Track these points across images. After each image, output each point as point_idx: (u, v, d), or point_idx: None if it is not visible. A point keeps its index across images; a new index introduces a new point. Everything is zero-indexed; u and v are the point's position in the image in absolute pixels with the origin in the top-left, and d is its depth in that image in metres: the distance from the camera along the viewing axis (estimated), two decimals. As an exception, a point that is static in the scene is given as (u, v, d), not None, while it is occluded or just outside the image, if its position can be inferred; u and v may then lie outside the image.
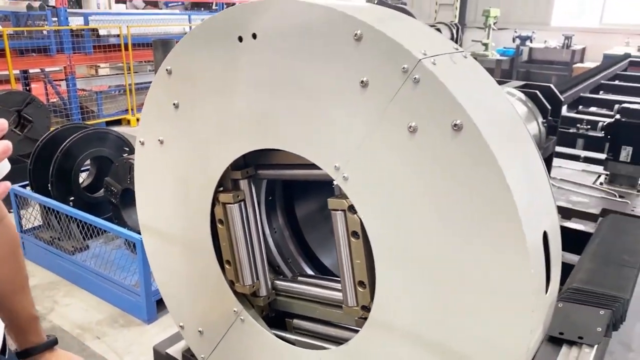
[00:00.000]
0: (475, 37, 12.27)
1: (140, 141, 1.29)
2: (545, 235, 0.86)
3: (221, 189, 1.19)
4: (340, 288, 1.10)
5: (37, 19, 6.87)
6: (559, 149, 3.94)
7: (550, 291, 0.89)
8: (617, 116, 2.29)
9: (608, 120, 2.36)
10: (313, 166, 1.02)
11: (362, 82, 0.89)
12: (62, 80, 7.07)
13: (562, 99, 2.17)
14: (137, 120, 6.93)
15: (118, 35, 7.09)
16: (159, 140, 1.24)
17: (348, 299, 1.05)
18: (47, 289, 3.37)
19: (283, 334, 1.24)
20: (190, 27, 8.12)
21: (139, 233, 1.43)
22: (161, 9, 12.06)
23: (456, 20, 12.25)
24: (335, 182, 0.98)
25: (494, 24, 11.82)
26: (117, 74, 7.80)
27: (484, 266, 0.83)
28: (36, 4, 5.99)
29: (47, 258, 3.52)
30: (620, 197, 2.22)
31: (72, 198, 3.58)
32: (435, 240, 0.87)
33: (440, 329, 0.91)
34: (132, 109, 7.41)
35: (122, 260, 3.22)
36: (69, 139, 3.48)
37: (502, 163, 0.78)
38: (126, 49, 7.10)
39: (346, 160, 0.94)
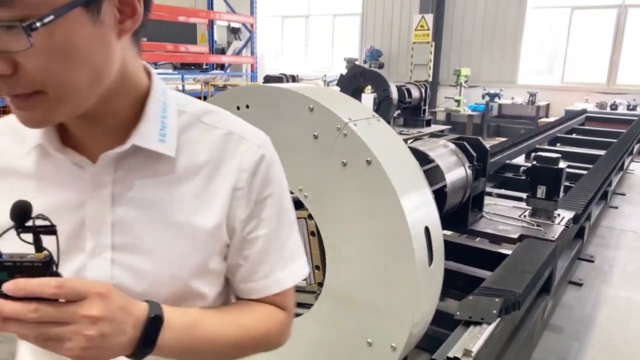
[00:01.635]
0: (448, 94, 13.21)
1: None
2: (427, 229, 1.39)
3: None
4: (301, 281, 1.60)
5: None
6: (507, 192, 4.54)
7: (434, 266, 1.41)
8: (534, 162, 2.87)
9: (528, 165, 2.95)
10: (285, 191, 1.55)
11: (314, 135, 1.43)
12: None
13: (488, 148, 2.76)
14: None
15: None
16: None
17: (310, 279, 1.55)
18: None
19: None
20: (183, 86, 8.81)
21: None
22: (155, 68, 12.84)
23: (430, 79, 13.22)
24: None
25: (465, 82, 12.79)
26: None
27: (388, 247, 1.35)
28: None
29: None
30: (538, 226, 2.77)
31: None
32: (360, 234, 1.40)
33: (365, 292, 1.41)
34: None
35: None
36: None
37: (395, 184, 1.32)
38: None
39: (305, 185, 1.48)
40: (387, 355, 1.39)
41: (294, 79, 8.83)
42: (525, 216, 2.90)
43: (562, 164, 2.80)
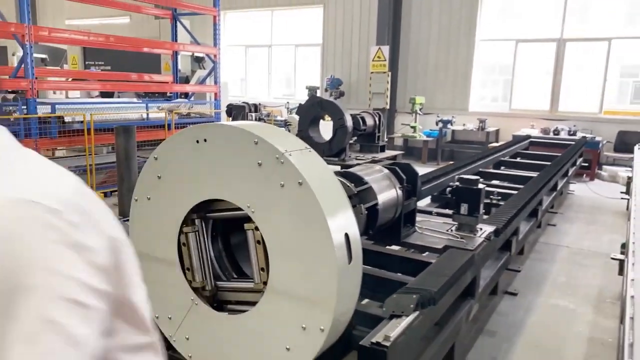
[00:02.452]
0: (404, 121, 13.89)
1: (135, 199, 2.16)
2: (346, 235, 1.78)
3: (185, 224, 2.06)
4: (249, 284, 1.97)
5: (7, 107, 7.67)
6: (447, 211, 4.97)
7: (353, 263, 1.80)
8: (457, 183, 3.33)
9: (453, 186, 3.40)
10: (238, 209, 1.92)
11: (259, 163, 1.82)
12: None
13: (417, 172, 3.20)
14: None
15: (82, 122, 7.94)
16: (147, 197, 2.11)
17: (255, 278, 1.92)
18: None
19: (221, 311, 2.06)
20: (147, 114, 9.08)
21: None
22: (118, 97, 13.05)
23: (387, 107, 13.89)
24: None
25: (420, 109, 13.49)
26: (77, 156, 8.54)
27: (316, 248, 1.74)
28: (10, 96, 6.81)
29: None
30: (461, 238, 3.21)
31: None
32: (295, 240, 1.78)
33: (300, 286, 1.79)
34: (92, 187, 8.09)
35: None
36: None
37: (320, 200, 1.71)
38: (89, 133, 7.93)
39: (252, 202, 1.85)
40: (317, 336, 1.76)
41: (256, 107, 9.23)
42: (452, 230, 3.35)
43: (480, 185, 3.27)
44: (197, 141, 1.95)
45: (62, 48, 15.32)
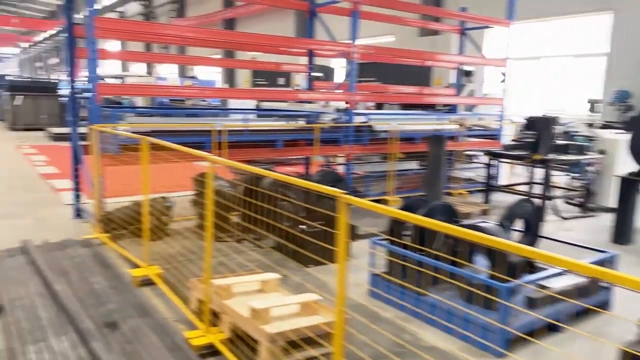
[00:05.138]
0: None
1: None
2: None
3: None
4: None
5: (328, 116, 8.75)
6: None
7: None
8: None
9: None
10: None
11: None
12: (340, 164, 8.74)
13: None
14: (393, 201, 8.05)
15: (387, 131, 8.58)
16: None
17: None
18: (403, 321, 4.33)
19: None
20: (441, 126, 9.38)
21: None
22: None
23: None
24: None
25: None
26: (379, 162, 9.29)
27: None
28: (342, 107, 7.77)
29: (400, 298, 4.52)
30: None
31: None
32: None
33: None
34: (389, 191, 8.68)
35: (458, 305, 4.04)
36: (424, 208, 4.60)
37: None
38: (393, 142, 8.53)
39: None
40: None
41: (554, 120, 8.82)
42: None
43: None
44: None
45: (330, 66, 16.98)
